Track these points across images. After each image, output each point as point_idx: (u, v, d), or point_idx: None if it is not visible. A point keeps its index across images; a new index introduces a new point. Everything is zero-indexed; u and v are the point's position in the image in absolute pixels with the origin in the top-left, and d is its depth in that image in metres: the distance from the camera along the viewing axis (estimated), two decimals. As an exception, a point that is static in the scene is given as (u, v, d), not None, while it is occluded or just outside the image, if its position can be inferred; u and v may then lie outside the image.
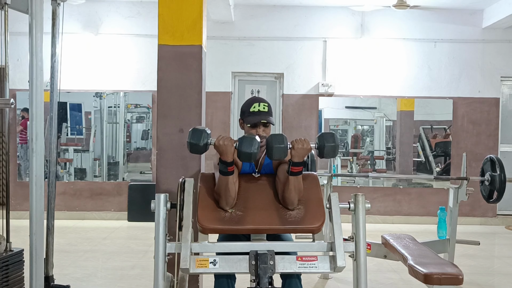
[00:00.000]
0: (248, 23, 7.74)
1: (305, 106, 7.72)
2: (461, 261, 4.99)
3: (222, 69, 7.63)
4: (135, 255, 5.54)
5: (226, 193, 2.66)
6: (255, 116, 2.87)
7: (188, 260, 2.43)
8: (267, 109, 2.90)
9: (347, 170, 8.01)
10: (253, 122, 2.87)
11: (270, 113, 2.91)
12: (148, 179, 7.79)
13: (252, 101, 2.95)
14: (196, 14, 3.72)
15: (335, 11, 7.73)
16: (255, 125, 2.88)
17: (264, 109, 2.89)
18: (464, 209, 7.32)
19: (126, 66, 7.69)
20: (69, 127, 7.98)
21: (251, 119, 2.88)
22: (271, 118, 2.90)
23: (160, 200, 2.47)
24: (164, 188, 3.60)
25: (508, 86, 8.02)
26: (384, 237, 4.02)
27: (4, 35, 3.33)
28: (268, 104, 2.93)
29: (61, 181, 7.60)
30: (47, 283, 3.36)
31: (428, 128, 8.03)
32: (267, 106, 2.91)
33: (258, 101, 2.92)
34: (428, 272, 2.94)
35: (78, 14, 7.57)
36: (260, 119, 2.86)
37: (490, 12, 7.50)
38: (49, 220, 3.50)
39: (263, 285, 2.39)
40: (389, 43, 7.78)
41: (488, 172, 4.54)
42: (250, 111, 2.89)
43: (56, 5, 3.52)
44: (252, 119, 2.88)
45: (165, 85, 3.74)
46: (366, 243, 2.51)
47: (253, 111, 2.89)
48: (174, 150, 3.70)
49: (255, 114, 2.88)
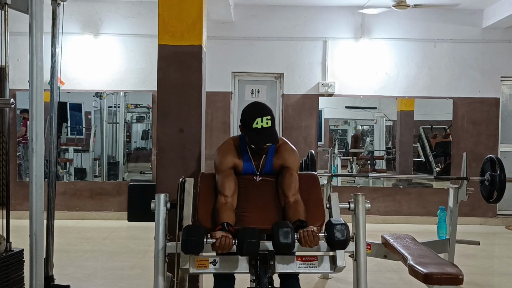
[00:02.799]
0: (248, 23, 7.74)
1: (305, 106, 7.72)
2: (461, 261, 4.99)
3: (222, 69, 7.62)
4: (135, 255, 5.54)
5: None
6: (259, 136, 2.68)
7: (188, 260, 2.43)
8: (271, 124, 2.69)
9: (347, 170, 8.01)
10: (256, 145, 2.72)
11: (273, 126, 2.71)
12: (148, 179, 7.79)
13: (255, 114, 2.70)
14: (196, 14, 3.72)
15: (335, 11, 7.73)
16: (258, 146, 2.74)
17: (267, 125, 2.67)
18: (464, 209, 7.32)
19: (126, 66, 7.69)
20: (69, 127, 7.98)
21: (254, 140, 2.70)
22: (275, 137, 2.71)
23: (160, 200, 2.47)
24: (164, 188, 3.59)
25: (508, 86, 8.02)
26: (384, 237, 4.02)
27: (4, 35, 3.33)
28: (271, 115, 2.72)
29: (61, 181, 7.59)
30: (47, 283, 3.36)
31: (428, 128, 8.03)
32: (270, 120, 2.69)
33: (261, 115, 2.68)
34: (428, 272, 2.94)
35: (78, 14, 7.57)
36: (264, 142, 2.69)
37: (490, 12, 7.50)
38: (49, 220, 3.50)
39: (263, 285, 2.39)
40: (389, 43, 7.78)
41: (488, 172, 4.54)
42: (252, 127, 2.68)
43: (56, 5, 3.52)
44: (255, 140, 2.69)
45: (165, 85, 3.74)
46: (366, 243, 2.51)
47: (255, 127, 2.67)
48: (174, 150, 3.70)
49: (259, 132, 2.67)
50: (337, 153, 7.99)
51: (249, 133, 2.71)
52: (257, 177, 2.86)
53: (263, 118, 2.68)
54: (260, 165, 2.86)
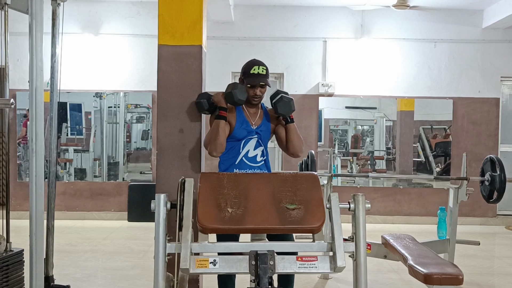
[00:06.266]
0: (248, 23, 7.74)
1: (305, 106, 7.72)
2: (461, 261, 4.99)
3: (222, 69, 7.62)
4: (135, 255, 5.54)
5: (216, 136, 3.25)
6: (255, 78, 3.34)
7: (188, 260, 2.43)
8: (265, 72, 3.37)
9: (347, 170, 8.01)
10: (253, 84, 3.34)
11: (267, 75, 3.40)
12: (148, 179, 7.79)
13: (252, 63, 3.38)
14: (196, 14, 3.72)
15: (335, 11, 7.73)
16: (254, 85, 3.35)
17: (262, 72, 3.35)
18: (464, 209, 7.32)
19: (126, 66, 7.70)
20: (69, 127, 7.98)
21: (251, 80, 3.34)
22: (267, 80, 3.39)
23: (160, 200, 2.47)
24: (164, 188, 3.59)
25: (508, 86, 8.02)
26: (384, 237, 4.02)
27: (4, 35, 3.33)
28: (266, 67, 3.39)
29: (61, 181, 7.60)
30: (47, 283, 3.36)
31: (428, 128, 8.03)
32: (265, 69, 3.37)
33: (258, 64, 3.37)
34: (428, 272, 2.94)
35: (78, 14, 7.57)
36: (258, 81, 3.34)
37: (490, 12, 7.50)
38: (49, 220, 3.50)
39: (263, 285, 2.39)
40: (389, 43, 7.78)
41: (488, 172, 4.54)
42: (250, 73, 3.35)
43: (56, 5, 3.52)
44: (251, 80, 3.34)
45: (165, 85, 3.74)
46: (366, 243, 2.51)
47: (253, 73, 3.34)
48: (174, 150, 3.70)
49: (255, 76, 3.34)
50: (337, 153, 8.00)
51: (247, 78, 3.36)
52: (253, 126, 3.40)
53: (260, 66, 3.38)
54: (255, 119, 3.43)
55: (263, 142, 3.43)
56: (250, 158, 3.39)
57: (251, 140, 3.39)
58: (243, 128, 3.36)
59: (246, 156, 3.38)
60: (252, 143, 3.40)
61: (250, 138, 3.39)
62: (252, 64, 3.39)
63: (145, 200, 6.70)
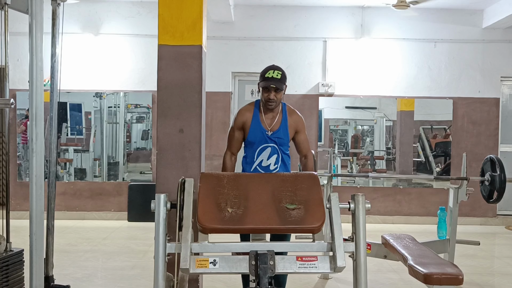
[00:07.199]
0: (248, 23, 7.74)
1: (305, 106, 7.72)
2: (461, 261, 4.99)
3: (222, 69, 7.63)
4: (135, 255, 5.54)
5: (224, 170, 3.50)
6: (268, 81, 3.36)
7: (188, 260, 2.43)
8: (280, 77, 3.37)
9: (347, 170, 8.01)
10: (265, 86, 3.37)
11: (282, 80, 3.38)
12: (148, 179, 7.79)
13: (269, 68, 3.43)
14: (196, 14, 3.72)
15: (335, 11, 7.73)
16: (267, 89, 3.37)
17: (277, 76, 3.36)
18: (464, 209, 7.32)
19: (126, 66, 7.69)
20: (69, 127, 7.98)
21: (264, 84, 3.38)
22: (281, 85, 3.37)
23: (160, 200, 2.47)
24: (164, 188, 3.59)
25: (508, 86, 8.02)
26: (384, 237, 4.02)
27: (4, 35, 3.33)
28: (282, 72, 3.40)
29: (61, 181, 7.60)
30: (47, 283, 3.36)
31: (428, 128, 8.03)
32: (280, 74, 3.38)
33: (273, 69, 3.41)
34: (428, 272, 2.94)
35: (78, 14, 7.57)
36: (269, 84, 3.34)
37: (490, 12, 7.50)
38: (49, 220, 3.50)
39: (263, 285, 2.39)
40: (389, 43, 7.78)
41: (488, 172, 4.54)
42: (265, 77, 3.38)
43: (56, 5, 3.52)
44: (264, 83, 3.38)
45: (165, 85, 3.74)
46: (366, 243, 2.51)
47: (267, 77, 3.37)
48: (174, 150, 3.70)
49: (269, 80, 3.36)
50: (337, 153, 8.00)
51: (262, 81, 3.40)
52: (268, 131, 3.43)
53: (275, 71, 3.40)
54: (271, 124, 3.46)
55: (280, 148, 3.49)
56: (264, 167, 3.49)
57: (266, 149, 3.47)
58: (258, 131, 3.44)
59: (260, 165, 3.50)
60: (267, 152, 3.49)
61: (266, 146, 3.46)
62: (269, 68, 3.44)
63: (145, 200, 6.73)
